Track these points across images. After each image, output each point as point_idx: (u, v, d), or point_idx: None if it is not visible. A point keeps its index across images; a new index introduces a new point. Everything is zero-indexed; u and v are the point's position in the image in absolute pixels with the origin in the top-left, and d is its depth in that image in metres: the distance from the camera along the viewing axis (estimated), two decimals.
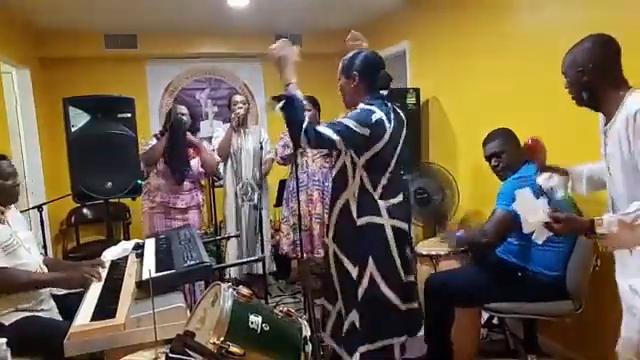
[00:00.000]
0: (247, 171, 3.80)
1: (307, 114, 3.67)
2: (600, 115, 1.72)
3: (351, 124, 1.98)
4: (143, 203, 3.35)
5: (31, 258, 2.15)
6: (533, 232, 1.69)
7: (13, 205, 2.25)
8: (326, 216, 3.70)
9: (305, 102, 3.66)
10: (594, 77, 1.63)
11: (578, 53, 1.67)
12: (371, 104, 2.08)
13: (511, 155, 2.43)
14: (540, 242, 1.72)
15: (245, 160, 3.79)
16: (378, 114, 2.04)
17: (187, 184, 3.32)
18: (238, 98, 3.82)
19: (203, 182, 3.62)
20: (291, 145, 3.56)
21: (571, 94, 1.73)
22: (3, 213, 2.13)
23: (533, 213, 1.66)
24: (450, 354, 2.39)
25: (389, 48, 4.64)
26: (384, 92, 2.19)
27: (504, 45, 3.13)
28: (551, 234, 1.66)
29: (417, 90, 4.01)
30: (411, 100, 3.96)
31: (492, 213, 2.36)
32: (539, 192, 1.90)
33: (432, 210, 3.54)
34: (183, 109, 3.39)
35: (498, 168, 2.48)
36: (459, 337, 2.41)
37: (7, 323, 1.96)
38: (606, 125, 1.65)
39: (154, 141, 3.30)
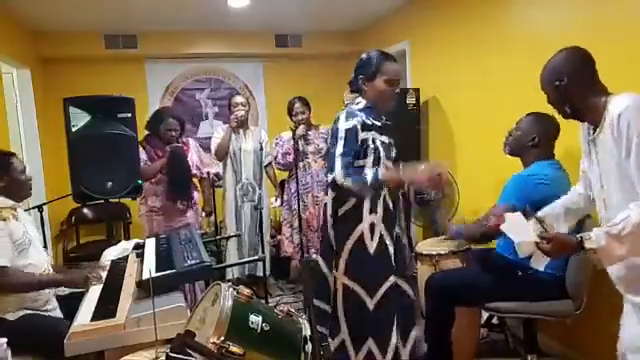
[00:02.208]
0: (247, 171, 3.79)
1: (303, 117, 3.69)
2: (583, 126, 1.72)
3: None
4: (140, 207, 3.34)
5: (39, 257, 2.16)
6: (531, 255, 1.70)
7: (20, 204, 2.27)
8: None
9: (299, 105, 3.70)
10: (571, 88, 1.64)
11: (552, 68, 1.70)
12: None
13: (523, 137, 2.35)
14: (541, 268, 1.74)
15: (245, 161, 3.78)
16: None
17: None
18: (239, 100, 3.79)
19: (196, 181, 3.60)
20: (292, 152, 3.57)
21: (555, 109, 1.75)
22: (16, 210, 2.15)
23: (523, 234, 1.67)
24: (450, 354, 2.39)
25: (389, 48, 4.64)
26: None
27: (504, 44, 3.13)
28: (549, 259, 1.65)
29: (417, 90, 4.02)
30: (411, 100, 3.96)
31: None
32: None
33: (432, 210, 3.54)
34: (174, 124, 3.27)
35: (506, 140, 2.45)
36: (459, 337, 2.41)
37: (11, 319, 1.97)
38: (594, 134, 1.65)
39: (143, 153, 3.19)
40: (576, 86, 1.64)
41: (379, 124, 2.26)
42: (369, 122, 2.22)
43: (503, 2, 3.13)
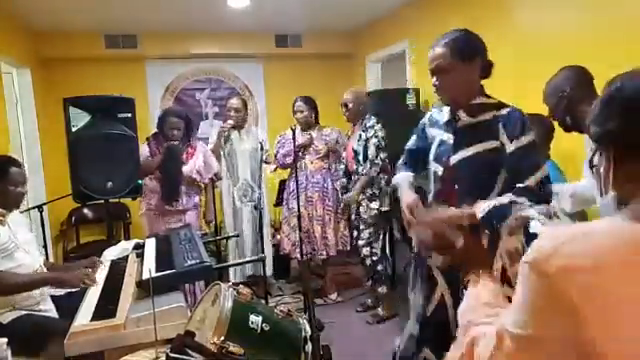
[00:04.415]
0: (244, 172, 3.77)
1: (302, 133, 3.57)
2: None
3: None
4: (141, 205, 3.34)
5: (29, 260, 2.15)
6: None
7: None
8: (327, 217, 3.71)
9: (301, 104, 3.66)
10: (574, 99, 1.82)
11: (557, 81, 1.89)
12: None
13: None
14: None
15: (241, 161, 3.76)
16: None
17: (183, 187, 3.30)
18: (234, 104, 3.73)
19: (201, 184, 3.60)
20: (292, 154, 3.54)
21: (557, 121, 1.92)
22: (4, 216, 2.14)
23: None
24: None
25: (389, 48, 4.65)
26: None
27: (504, 44, 3.13)
28: None
29: (417, 90, 4.01)
30: (411, 100, 3.96)
31: None
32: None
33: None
34: (177, 123, 3.26)
35: None
36: None
37: (5, 322, 1.97)
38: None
39: (146, 148, 3.24)
40: (577, 97, 1.80)
41: (442, 121, 1.98)
42: (434, 118, 2.03)
43: (502, 2, 3.13)
